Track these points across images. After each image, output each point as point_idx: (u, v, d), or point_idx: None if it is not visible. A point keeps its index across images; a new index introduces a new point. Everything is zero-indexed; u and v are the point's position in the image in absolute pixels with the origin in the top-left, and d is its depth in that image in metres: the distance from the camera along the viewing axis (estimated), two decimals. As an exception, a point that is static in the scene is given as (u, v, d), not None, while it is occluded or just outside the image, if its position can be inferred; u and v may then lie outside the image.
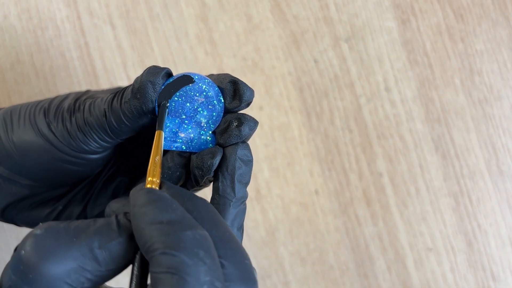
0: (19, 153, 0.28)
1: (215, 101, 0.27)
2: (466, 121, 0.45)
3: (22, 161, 0.28)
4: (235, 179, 0.26)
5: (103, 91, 0.31)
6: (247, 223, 0.44)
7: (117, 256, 0.22)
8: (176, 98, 0.27)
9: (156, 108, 0.27)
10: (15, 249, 0.22)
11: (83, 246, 0.22)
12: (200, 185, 0.28)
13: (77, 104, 0.28)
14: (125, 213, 0.23)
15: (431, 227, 0.45)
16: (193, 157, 0.27)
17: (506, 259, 0.45)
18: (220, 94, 0.27)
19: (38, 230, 0.22)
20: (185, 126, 0.27)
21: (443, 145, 0.45)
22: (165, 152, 0.28)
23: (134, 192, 0.23)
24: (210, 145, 0.27)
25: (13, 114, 0.29)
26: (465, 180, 0.45)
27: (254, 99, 0.32)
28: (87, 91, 0.30)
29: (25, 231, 0.42)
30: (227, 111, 0.27)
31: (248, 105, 0.27)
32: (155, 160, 0.25)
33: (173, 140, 0.27)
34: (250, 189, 0.44)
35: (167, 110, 0.27)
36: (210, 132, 0.27)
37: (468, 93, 0.45)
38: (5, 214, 0.31)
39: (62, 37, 0.42)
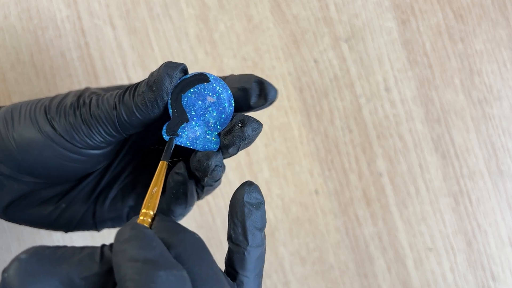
0: (20, 150, 0.28)
1: (226, 104, 0.27)
2: (466, 121, 0.45)
3: (23, 158, 0.28)
4: (247, 226, 0.25)
5: (102, 89, 0.31)
6: (247, 223, 0.44)
7: None
8: (189, 94, 0.27)
9: (169, 103, 0.27)
10: (3, 272, 0.23)
11: (63, 275, 0.22)
12: (207, 185, 0.28)
13: (80, 101, 0.28)
14: (111, 245, 0.23)
15: (431, 227, 0.45)
16: (191, 159, 0.27)
17: (506, 259, 0.45)
18: (232, 98, 0.27)
19: (23, 255, 0.23)
20: (193, 123, 0.28)
21: (443, 145, 0.45)
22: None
23: (122, 227, 0.23)
24: (214, 146, 0.27)
25: (14, 111, 0.29)
26: (465, 180, 0.45)
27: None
28: (87, 88, 0.30)
29: (25, 231, 0.42)
30: (250, 109, 0.28)
31: (271, 103, 0.28)
32: (152, 191, 0.25)
33: (179, 135, 0.28)
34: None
35: (174, 143, 0.27)
36: (216, 133, 0.27)
37: (468, 93, 0.45)
38: (7, 212, 0.31)
39: (62, 37, 0.42)
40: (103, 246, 0.23)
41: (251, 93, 0.27)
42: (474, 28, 0.45)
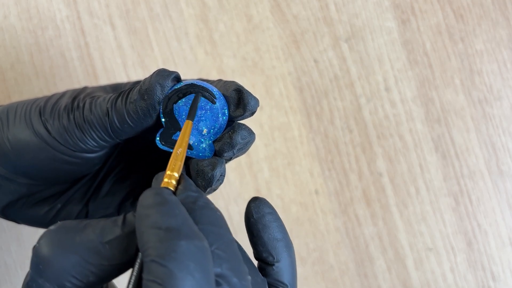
0: (15, 152, 0.28)
1: (219, 113, 0.27)
2: (466, 121, 0.45)
3: (18, 160, 0.28)
4: (266, 241, 0.25)
5: (100, 87, 0.31)
6: (247, 223, 0.44)
7: (118, 251, 0.23)
8: (181, 104, 0.27)
9: (161, 111, 0.27)
10: (33, 248, 0.24)
11: (88, 241, 0.23)
12: (208, 193, 0.28)
13: (75, 103, 0.28)
14: (134, 211, 0.23)
15: (431, 227, 0.45)
16: (193, 166, 0.27)
17: (506, 259, 0.45)
18: (226, 107, 0.27)
19: (53, 226, 0.24)
20: None
21: (443, 145, 0.45)
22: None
23: (146, 190, 0.23)
24: (208, 154, 0.27)
25: (10, 112, 0.28)
26: (465, 180, 0.45)
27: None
28: (85, 88, 0.30)
29: (25, 231, 0.42)
30: (230, 119, 0.27)
31: (252, 114, 0.27)
32: (177, 152, 0.24)
33: (172, 143, 0.27)
34: (250, 189, 0.44)
35: (199, 100, 0.26)
36: (210, 141, 0.27)
37: (468, 93, 0.45)
38: (5, 212, 0.31)
39: (62, 37, 0.42)
40: (125, 213, 0.24)
41: (230, 102, 0.26)
42: (474, 28, 0.45)
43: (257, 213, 0.26)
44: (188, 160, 0.28)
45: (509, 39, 0.46)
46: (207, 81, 0.28)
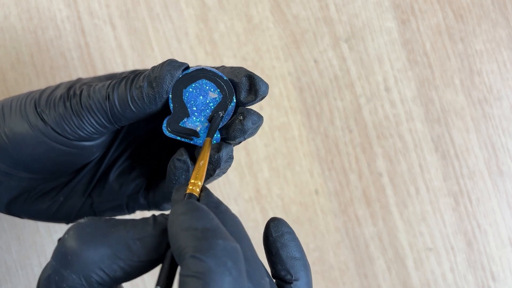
0: (13, 146, 0.28)
1: (228, 100, 0.27)
2: (465, 121, 0.45)
3: (17, 154, 0.28)
4: (284, 259, 0.26)
5: (95, 78, 0.31)
6: (247, 223, 0.44)
7: (149, 248, 0.23)
8: (190, 89, 0.27)
9: (170, 98, 0.27)
10: (59, 240, 0.24)
11: (119, 236, 0.23)
12: (216, 177, 0.28)
13: (70, 92, 0.28)
14: (162, 214, 0.24)
15: (431, 227, 0.45)
16: (198, 151, 0.27)
17: (506, 259, 0.45)
18: (233, 93, 0.27)
19: (82, 220, 0.24)
20: (194, 118, 0.27)
21: (443, 145, 0.45)
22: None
23: (175, 199, 0.24)
24: (214, 141, 0.27)
25: (5, 107, 0.29)
26: (464, 180, 0.45)
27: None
28: (79, 79, 0.30)
29: (25, 231, 0.42)
30: (241, 104, 0.27)
31: (262, 99, 0.28)
32: (199, 164, 0.25)
33: (179, 130, 0.28)
34: (250, 189, 0.44)
35: (220, 121, 0.27)
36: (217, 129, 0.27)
37: (468, 93, 0.45)
38: (9, 208, 0.31)
39: (63, 37, 0.42)
40: (154, 214, 0.24)
41: (241, 88, 0.27)
42: (474, 28, 0.45)
43: (276, 232, 0.26)
44: (192, 148, 0.29)
45: (509, 39, 0.46)
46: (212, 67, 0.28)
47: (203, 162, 0.25)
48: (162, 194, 0.31)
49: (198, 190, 0.25)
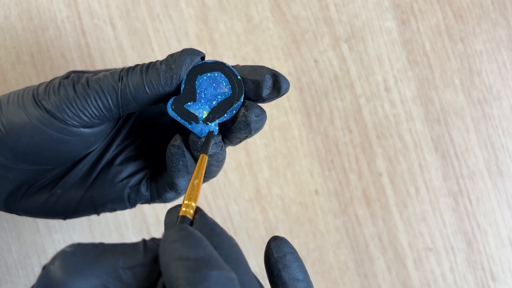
0: (11, 137, 0.28)
1: (236, 98, 0.28)
2: (465, 121, 0.45)
3: (15, 145, 0.28)
4: (286, 281, 0.25)
5: (89, 72, 0.31)
6: (247, 223, 0.44)
7: (140, 278, 0.22)
8: (205, 78, 0.28)
9: (184, 79, 0.28)
10: (43, 268, 0.23)
11: (108, 265, 0.22)
12: (211, 166, 0.29)
13: (71, 77, 0.28)
14: (153, 238, 0.23)
15: (431, 227, 0.45)
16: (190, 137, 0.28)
17: (506, 259, 0.45)
18: (243, 93, 0.28)
19: (68, 248, 0.23)
20: (199, 104, 0.28)
21: (443, 145, 0.45)
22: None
23: (167, 222, 0.23)
24: (214, 139, 0.28)
25: (2, 100, 0.29)
26: (464, 180, 0.45)
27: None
28: (72, 71, 0.30)
29: (25, 231, 0.42)
30: (262, 101, 0.28)
31: (283, 95, 0.29)
32: (193, 183, 0.25)
33: (181, 112, 0.28)
34: (250, 189, 0.44)
35: (213, 138, 0.28)
36: (217, 122, 0.28)
37: (468, 93, 0.45)
38: (7, 205, 0.31)
39: (63, 38, 0.42)
40: (145, 239, 0.24)
41: (265, 85, 0.28)
42: (474, 28, 0.45)
43: (278, 252, 0.25)
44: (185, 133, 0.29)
45: (509, 39, 0.46)
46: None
47: (197, 181, 0.25)
48: (164, 183, 0.32)
49: (191, 211, 0.24)
